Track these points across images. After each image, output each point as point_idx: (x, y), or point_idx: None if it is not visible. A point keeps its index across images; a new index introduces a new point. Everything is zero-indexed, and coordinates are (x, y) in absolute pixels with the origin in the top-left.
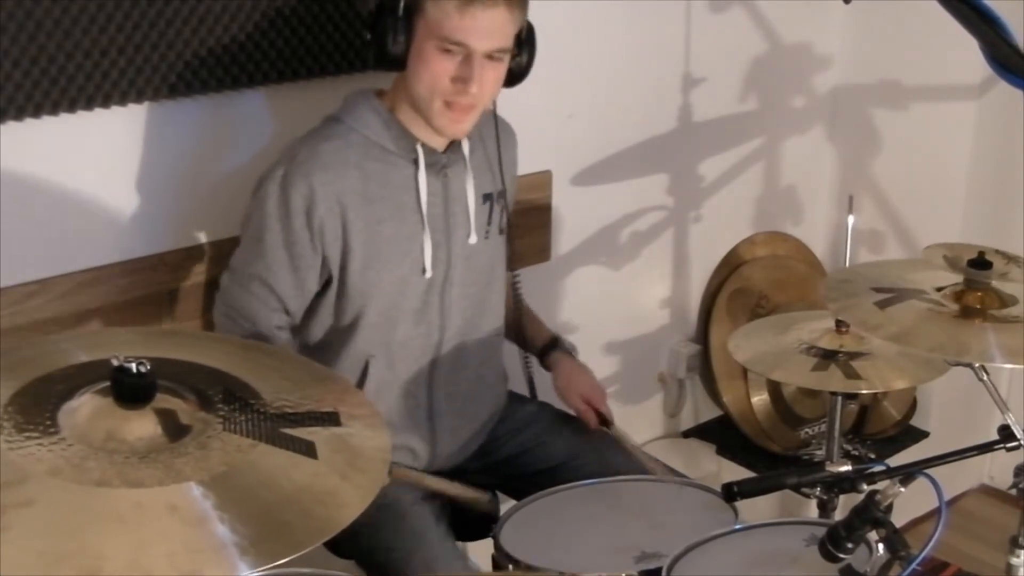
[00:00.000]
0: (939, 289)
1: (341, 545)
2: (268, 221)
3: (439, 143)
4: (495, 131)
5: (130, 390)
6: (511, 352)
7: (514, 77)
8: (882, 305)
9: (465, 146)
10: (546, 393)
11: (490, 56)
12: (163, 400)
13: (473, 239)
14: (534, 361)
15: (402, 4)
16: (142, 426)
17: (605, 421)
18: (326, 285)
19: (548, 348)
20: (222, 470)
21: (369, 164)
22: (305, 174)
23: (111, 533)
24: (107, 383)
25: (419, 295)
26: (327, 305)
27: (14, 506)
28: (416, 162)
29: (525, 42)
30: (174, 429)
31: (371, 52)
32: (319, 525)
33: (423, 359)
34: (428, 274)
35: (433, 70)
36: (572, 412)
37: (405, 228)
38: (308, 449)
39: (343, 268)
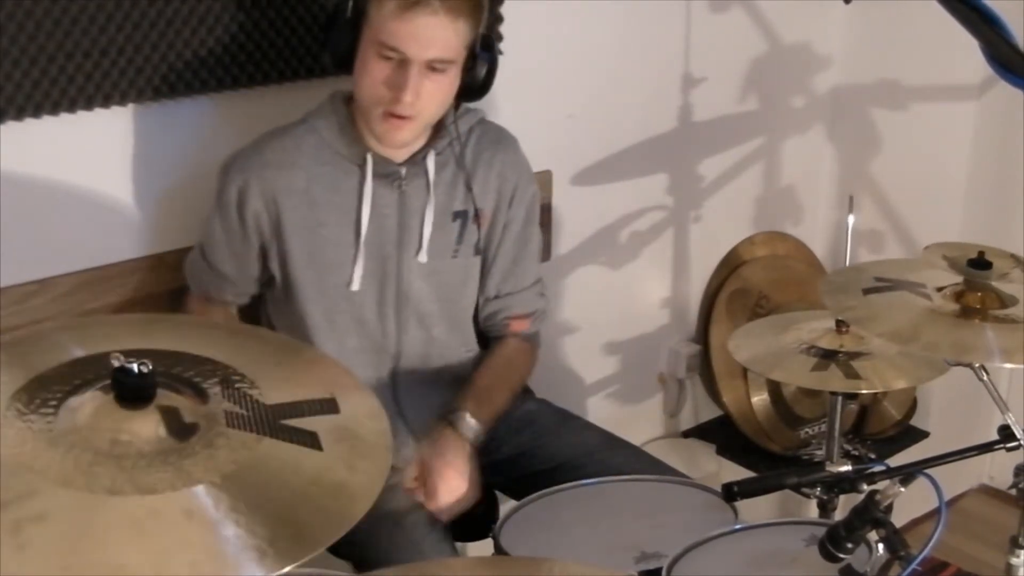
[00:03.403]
0: (939, 289)
1: (339, 546)
2: (214, 207)
3: (396, 154)
4: (476, 147)
5: (132, 391)
6: None
7: (472, 91)
8: (867, 292)
9: (431, 160)
10: (545, 389)
11: (431, 67)
12: (164, 397)
13: (423, 258)
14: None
15: (349, 6)
16: (146, 427)
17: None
18: (272, 281)
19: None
20: (231, 469)
21: (318, 167)
22: (241, 169)
23: (130, 542)
24: (107, 381)
25: (357, 306)
26: (276, 302)
27: (30, 520)
28: (363, 169)
29: (481, 54)
30: (178, 428)
31: (327, 57)
32: (333, 520)
33: (382, 368)
34: (355, 287)
35: (371, 76)
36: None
37: (344, 236)
38: (312, 441)
39: (284, 266)
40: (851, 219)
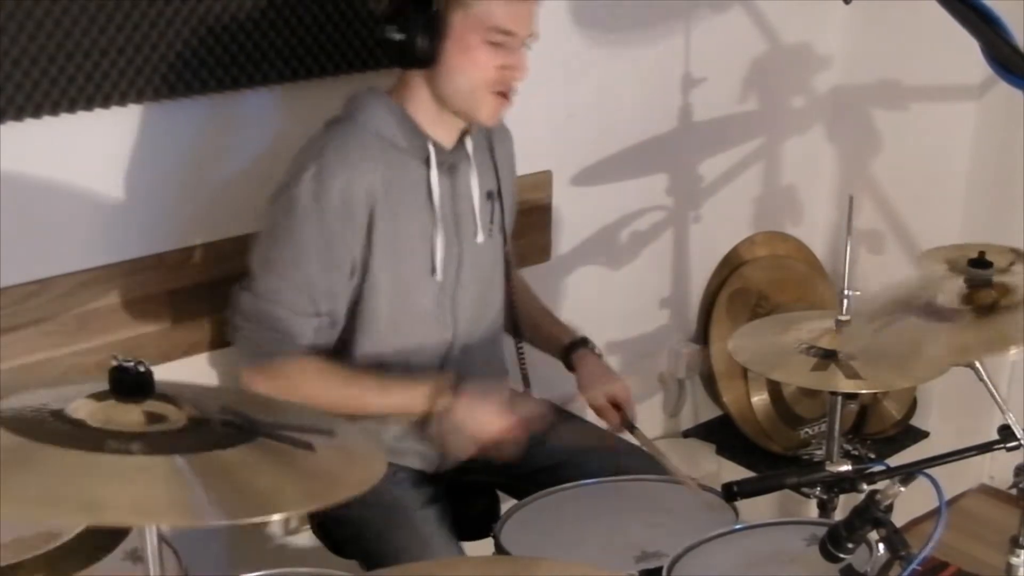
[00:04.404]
0: (943, 294)
1: (344, 546)
2: (302, 224)
3: (448, 141)
4: (488, 129)
5: (129, 385)
6: (507, 345)
7: None
8: (879, 328)
9: (469, 144)
10: (545, 389)
11: (525, 44)
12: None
13: (480, 238)
14: (528, 354)
15: (438, 3)
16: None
17: (629, 424)
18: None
19: (573, 347)
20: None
21: (384, 162)
22: (343, 164)
23: (111, 484)
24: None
25: (431, 296)
26: (348, 303)
27: (9, 464)
28: (428, 161)
29: None
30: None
31: (396, 51)
32: (316, 493)
33: (436, 361)
34: (438, 276)
35: (481, 62)
36: (594, 412)
37: (417, 227)
38: (305, 446)
39: (365, 265)
40: (851, 219)
